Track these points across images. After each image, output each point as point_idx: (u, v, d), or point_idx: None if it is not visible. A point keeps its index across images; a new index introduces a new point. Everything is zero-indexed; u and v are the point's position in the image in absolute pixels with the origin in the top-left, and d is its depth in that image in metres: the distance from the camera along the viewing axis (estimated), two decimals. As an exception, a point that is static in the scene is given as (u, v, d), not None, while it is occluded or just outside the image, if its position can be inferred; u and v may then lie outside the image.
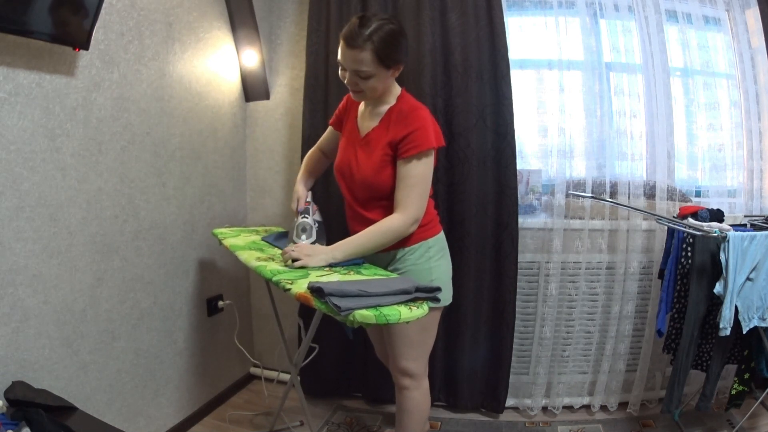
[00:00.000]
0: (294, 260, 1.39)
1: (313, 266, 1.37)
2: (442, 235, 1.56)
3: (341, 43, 1.36)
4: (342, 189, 1.58)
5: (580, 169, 2.09)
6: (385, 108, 1.47)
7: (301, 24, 2.29)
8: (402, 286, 1.17)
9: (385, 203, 1.46)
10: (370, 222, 1.45)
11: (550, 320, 2.10)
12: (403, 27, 1.48)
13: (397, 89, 1.50)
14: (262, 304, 2.48)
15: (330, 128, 1.72)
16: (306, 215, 1.59)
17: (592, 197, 1.98)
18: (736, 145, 2.10)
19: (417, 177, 1.39)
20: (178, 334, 1.99)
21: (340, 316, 1.08)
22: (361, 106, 1.57)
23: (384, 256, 1.50)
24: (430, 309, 1.26)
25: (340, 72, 1.43)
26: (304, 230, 1.56)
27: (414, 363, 1.52)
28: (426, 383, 1.57)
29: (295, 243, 1.53)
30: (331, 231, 1.67)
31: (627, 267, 2.06)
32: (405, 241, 1.45)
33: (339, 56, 1.39)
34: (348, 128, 1.58)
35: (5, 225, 1.31)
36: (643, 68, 2.05)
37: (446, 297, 1.52)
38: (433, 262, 1.50)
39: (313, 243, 1.54)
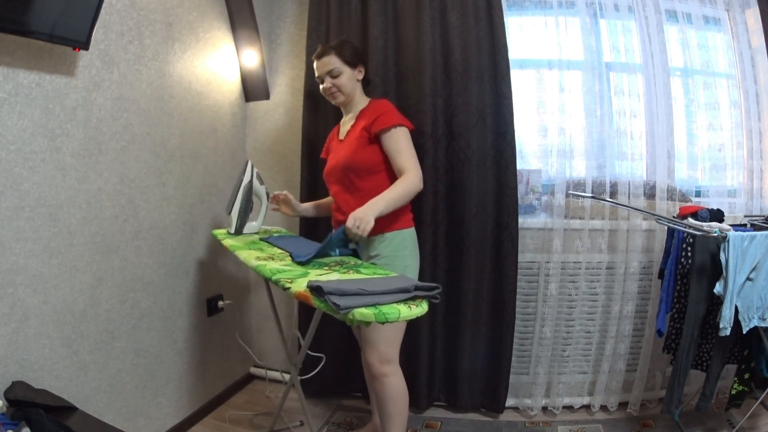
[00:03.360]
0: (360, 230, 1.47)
1: (371, 224, 1.47)
2: (414, 229, 1.74)
3: (314, 63, 1.75)
4: (331, 191, 1.78)
5: (580, 169, 2.09)
6: (358, 110, 1.76)
7: (301, 24, 2.29)
8: (401, 284, 1.16)
9: (372, 177, 1.67)
10: (360, 190, 1.66)
11: (550, 320, 2.10)
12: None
13: (365, 98, 1.80)
14: (262, 304, 2.48)
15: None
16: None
17: (592, 197, 1.98)
18: (736, 145, 2.10)
19: (403, 143, 1.64)
20: (178, 334, 1.99)
21: (339, 315, 1.09)
22: (341, 122, 1.84)
23: (362, 246, 1.65)
24: None
25: (320, 88, 1.77)
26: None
27: (393, 349, 1.64)
28: (400, 370, 1.66)
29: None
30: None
31: (627, 267, 2.06)
32: (385, 226, 1.62)
33: (316, 75, 1.76)
34: (333, 147, 1.84)
35: (5, 225, 1.31)
36: (643, 68, 2.05)
37: None
38: (407, 252, 1.68)
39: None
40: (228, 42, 2.25)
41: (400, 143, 1.63)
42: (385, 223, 1.62)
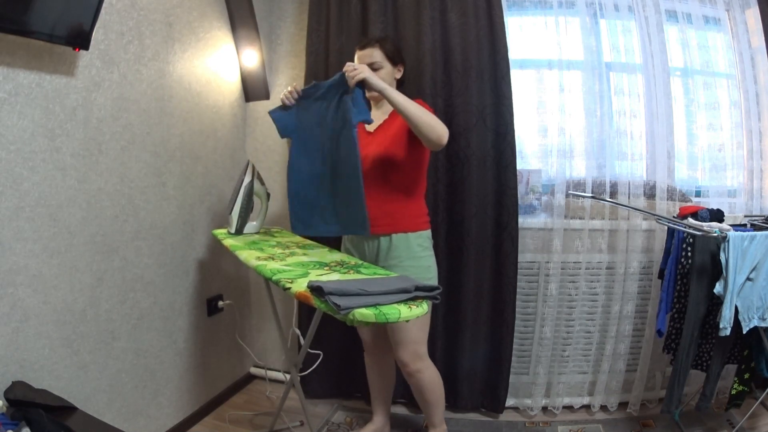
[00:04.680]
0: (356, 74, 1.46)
1: (371, 80, 1.46)
2: (430, 231, 1.74)
3: (356, 53, 1.71)
4: None
5: (580, 169, 2.09)
6: (391, 108, 1.63)
7: (301, 24, 2.29)
8: (401, 285, 1.16)
9: (407, 172, 1.65)
10: (390, 183, 1.63)
11: (550, 320, 2.10)
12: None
13: None
14: (262, 304, 2.48)
15: None
16: None
17: (592, 197, 1.98)
18: (736, 145, 2.10)
19: (430, 111, 1.57)
20: (178, 334, 1.99)
21: (339, 315, 1.09)
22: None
23: (374, 243, 1.67)
24: None
25: None
26: None
27: (422, 345, 1.71)
28: (431, 361, 1.75)
29: None
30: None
31: (627, 267, 2.06)
32: (406, 224, 1.65)
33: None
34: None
35: (5, 225, 1.31)
36: (643, 68, 2.05)
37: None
38: (427, 252, 1.70)
39: None
40: (228, 42, 2.25)
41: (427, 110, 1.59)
42: (406, 223, 1.65)
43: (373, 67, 1.63)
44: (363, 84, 1.47)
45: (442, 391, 1.80)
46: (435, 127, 1.50)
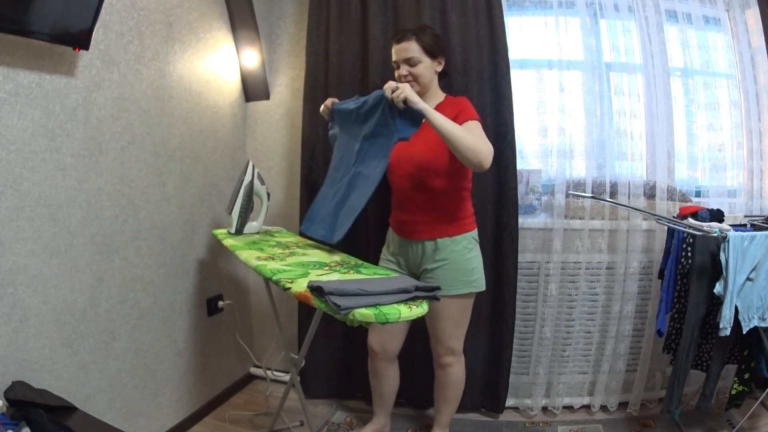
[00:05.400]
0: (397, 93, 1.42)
1: (412, 99, 1.41)
2: (476, 230, 1.74)
3: (393, 47, 1.65)
4: (397, 185, 1.70)
5: (580, 169, 2.09)
6: (434, 104, 1.62)
7: (301, 24, 2.29)
8: (401, 285, 1.17)
9: (450, 179, 1.62)
10: (431, 190, 1.61)
11: (550, 320, 2.10)
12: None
13: (441, 92, 1.71)
14: (262, 304, 2.48)
15: None
16: None
17: (592, 197, 1.98)
18: (736, 145, 2.10)
19: (477, 129, 1.54)
20: (178, 334, 1.99)
21: (339, 315, 1.09)
22: None
23: (419, 247, 1.67)
24: (470, 294, 1.68)
25: (396, 74, 1.66)
26: None
27: (457, 342, 1.74)
28: (463, 358, 1.79)
29: None
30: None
31: (627, 267, 2.06)
32: (451, 229, 1.64)
33: (393, 59, 1.65)
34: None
35: (5, 225, 1.31)
36: (643, 68, 2.05)
37: (482, 283, 1.72)
38: (473, 253, 1.68)
39: None
40: (228, 42, 2.25)
41: (475, 126, 1.54)
42: (451, 228, 1.64)
43: (411, 63, 1.60)
44: (405, 101, 1.42)
45: (461, 392, 1.82)
46: (477, 151, 1.44)
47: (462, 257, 1.64)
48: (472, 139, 1.46)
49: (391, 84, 1.44)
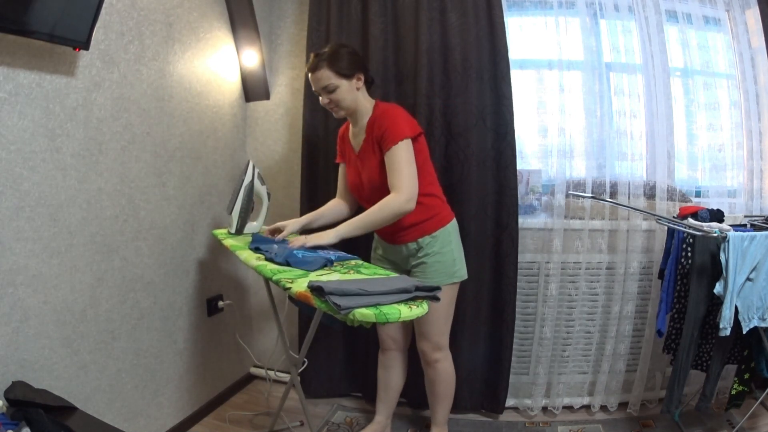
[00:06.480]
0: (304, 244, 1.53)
1: (325, 243, 1.54)
2: (455, 221, 1.76)
3: (309, 76, 1.65)
4: (361, 202, 1.79)
5: (580, 169, 2.09)
6: (365, 121, 1.68)
7: (301, 24, 2.29)
8: (401, 285, 1.17)
9: None
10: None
11: (550, 320, 2.10)
12: (354, 47, 1.83)
13: (369, 102, 1.70)
14: (262, 304, 2.48)
15: (340, 167, 1.88)
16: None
17: (592, 197, 1.98)
18: (736, 145, 2.10)
19: (399, 161, 1.57)
20: (178, 334, 1.99)
21: (340, 315, 1.09)
22: (350, 129, 1.77)
23: (404, 248, 1.70)
24: (452, 284, 1.70)
25: (320, 101, 1.68)
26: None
27: (444, 337, 1.76)
28: (450, 353, 1.80)
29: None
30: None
31: (627, 267, 2.06)
32: (427, 228, 1.66)
33: (312, 88, 1.67)
34: (347, 153, 1.80)
35: (5, 225, 1.31)
36: (643, 68, 2.05)
37: (464, 272, 1.76)
38: (452, 245, 1.70)
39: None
40: (228, 42, 2.25)
41: (394, 161, 1.56)
42: (425, 227, 1.67)
43: (328, 89, 1.61)
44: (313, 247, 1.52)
45: (453, 387, 1.84)
46: (394, 212, 1.55)
47: (443, 250, 1.68)
48: (382, 212, 1.55)
49: (291, 241, 1.57)
